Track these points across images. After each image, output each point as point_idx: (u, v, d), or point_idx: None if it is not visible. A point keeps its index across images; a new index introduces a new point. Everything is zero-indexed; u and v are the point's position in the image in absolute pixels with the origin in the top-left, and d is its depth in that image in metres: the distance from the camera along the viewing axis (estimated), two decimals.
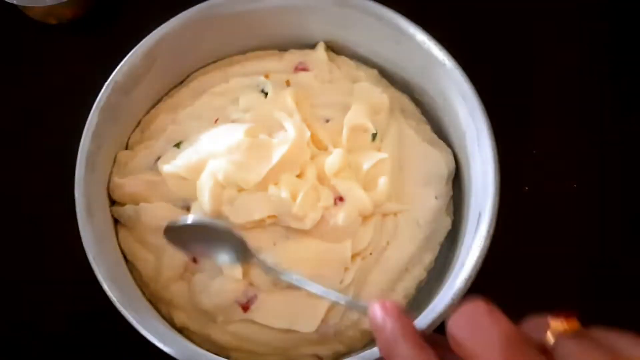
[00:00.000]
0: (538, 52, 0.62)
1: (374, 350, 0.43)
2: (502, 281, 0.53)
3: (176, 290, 0.49)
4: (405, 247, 0.50)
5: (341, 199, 0.48)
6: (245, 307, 0.48)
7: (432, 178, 0.52)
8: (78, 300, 0.53)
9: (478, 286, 0.44)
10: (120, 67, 0.50)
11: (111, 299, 0.44)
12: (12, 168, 0.58)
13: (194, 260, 0.49)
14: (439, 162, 0.53)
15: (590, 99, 0.60)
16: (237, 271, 0.47)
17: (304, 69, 0.55)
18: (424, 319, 0.44)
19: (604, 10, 0.63)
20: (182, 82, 0.56)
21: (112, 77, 0.49)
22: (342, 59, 0.56)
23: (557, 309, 0.33)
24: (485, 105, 0.49)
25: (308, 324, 0.48)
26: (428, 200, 0.51)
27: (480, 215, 0.47)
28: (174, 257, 0.49)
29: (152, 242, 0.49)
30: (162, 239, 0.49)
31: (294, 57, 0.55)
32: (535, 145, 0.58)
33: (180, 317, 0.48)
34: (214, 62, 0.56)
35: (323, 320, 0.48)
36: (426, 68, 0.53)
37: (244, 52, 0.57)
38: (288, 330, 0.48)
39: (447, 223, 0.53)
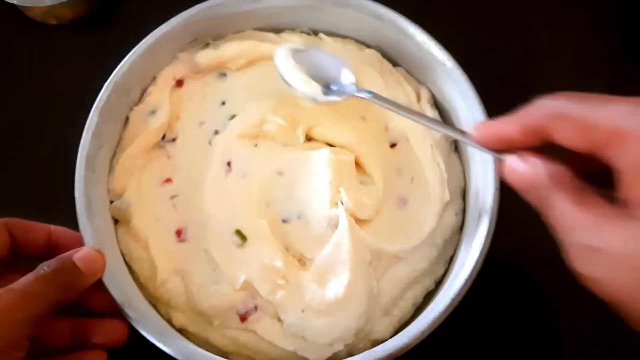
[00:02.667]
0: (538, 52, 0.62)
1: (374, 351, 0.44)
2: (502, 281, 0.53)
3: (173, 290, 0.48)
4: (419, 263, 0.49)
5: None
6: (243, 318, 0.47)
7: (454, 192, 0.51)
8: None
9: (478, 286, 0.44)
10: (120, 67, 0.50)
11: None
12: (12, 168, 0.58)
13: (178, 234, 0.49)
14: (459, 173, 0.52)
15: None
16: (237, 283, 0.47)
17: None
18: (424, 319, 0.44)
19: (604, 7, 0.63)
20: None
21: (112, 77, 0.49)
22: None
23: None
24: (485, 105, 0.49)
25: (318, 355, 0.47)
26: (449, 218, 0.50)
27: (480, 215, 0.47)
28: (160, 242, 0.49)
29: (142, 236, 0.49)
30: (151, 231, 0.49)
31: None
32: None
33: (178, 318, 0.48)
34: None
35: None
36: (426, 68, 0.53)
37: None
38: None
39: (459, 236, 0.52)
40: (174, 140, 0.52)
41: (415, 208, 0.50)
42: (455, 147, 0.54)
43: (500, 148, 0.36)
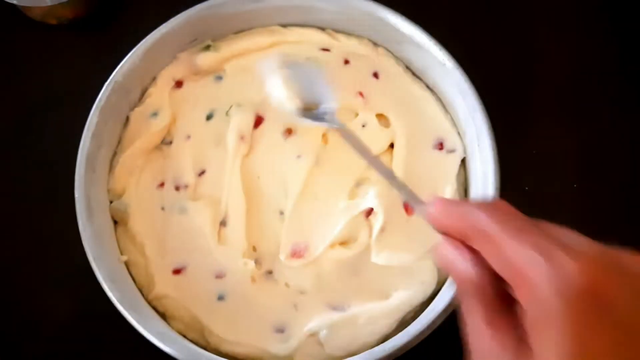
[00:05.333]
0: (538, 52, 0.62)
1: (374, 351, 0.44)
2: None
3: (171, 306, 0.48)
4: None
5: None
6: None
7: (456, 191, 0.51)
8: (78, 300, 0.53)
9: None
10: (120, 67, 0.50)
11: (111, 300, 0.45)
12: (12, 168, 0.58)
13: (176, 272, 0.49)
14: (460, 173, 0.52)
15: (590, 99, 0.60)
16: None
17: None
18: (424, 319, 0.44)
19: (604, 7, 0.63)
20: None
21: (112, 77, 0.49)
22: None
23: None
24: (485, 105, 0.49)
25: None
26: None
27: None
28: (156, 252, 0.49)
29: (139, 240, 0.49)
30: (147, 238, 0.49)
31: None
32: (535, 145, 0.58)
33: (177, 327, 0.48)
34: None
35: None
36: (426, 68, 0.53)
37: None
38: None
39: None
40: (170, 143, 0.52)
41: None
42: None
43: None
